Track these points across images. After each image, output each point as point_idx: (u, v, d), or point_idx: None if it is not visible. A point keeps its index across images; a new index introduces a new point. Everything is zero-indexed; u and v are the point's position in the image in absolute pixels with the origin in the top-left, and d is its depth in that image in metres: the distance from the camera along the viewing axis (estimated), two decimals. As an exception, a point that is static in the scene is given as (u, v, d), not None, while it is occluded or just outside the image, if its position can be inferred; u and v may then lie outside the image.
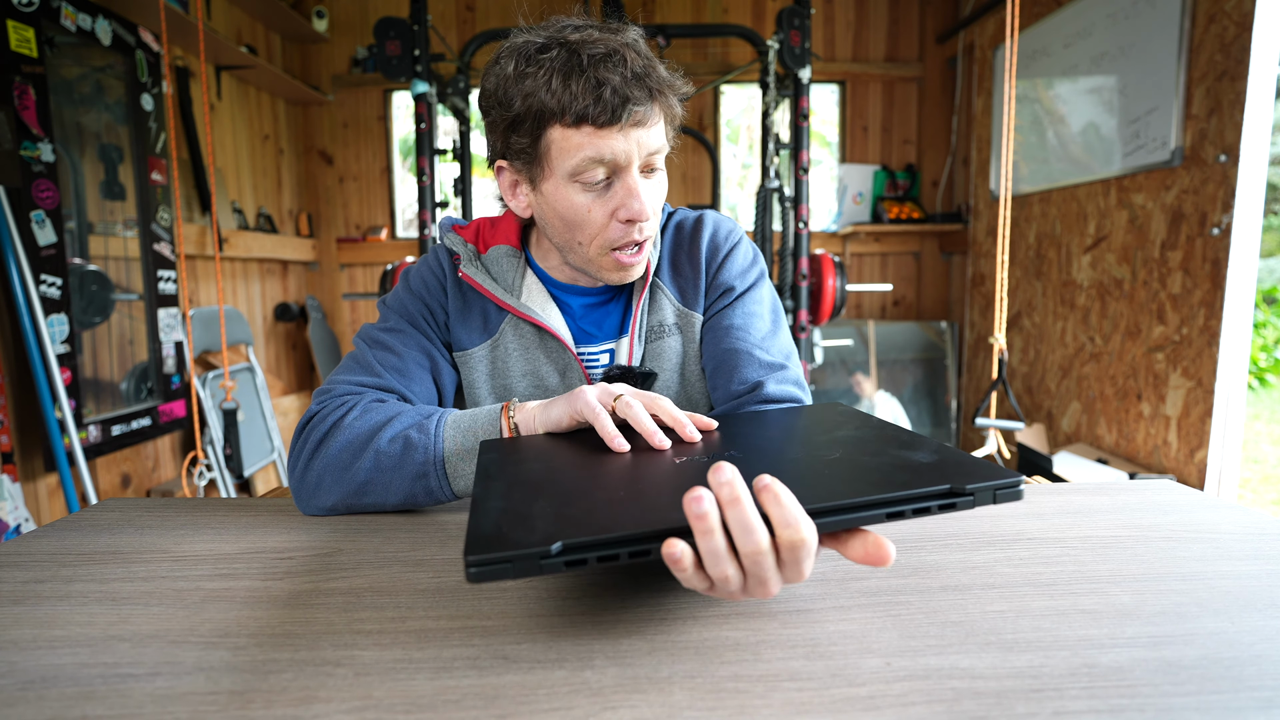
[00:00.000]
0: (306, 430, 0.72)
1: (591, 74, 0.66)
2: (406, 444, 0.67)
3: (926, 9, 3.53)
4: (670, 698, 0.38)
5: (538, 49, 0.68)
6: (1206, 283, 2.03)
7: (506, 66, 0.69)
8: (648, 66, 0.68)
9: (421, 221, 2.39)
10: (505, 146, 0.73)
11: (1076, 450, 2.54)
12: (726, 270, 0.85)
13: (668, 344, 0.85)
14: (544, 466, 0.56)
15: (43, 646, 0.44)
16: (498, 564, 0.38)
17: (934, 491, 0.43)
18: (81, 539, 0.63)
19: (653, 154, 0.71)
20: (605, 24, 0.71)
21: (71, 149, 2.09)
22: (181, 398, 2.48)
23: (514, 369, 0.84)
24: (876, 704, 0.37)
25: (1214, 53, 1.98)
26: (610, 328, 0.86)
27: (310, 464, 0.69)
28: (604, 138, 0.67)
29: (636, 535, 0.40)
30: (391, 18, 2.25)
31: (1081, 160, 2.57)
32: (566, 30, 0.69)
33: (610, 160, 0.69)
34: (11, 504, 1.81)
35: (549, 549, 0.38)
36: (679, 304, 0.86)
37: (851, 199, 3.58)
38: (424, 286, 0.84)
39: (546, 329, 0.81)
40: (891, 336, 3.55)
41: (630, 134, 0.68)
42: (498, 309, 0.83)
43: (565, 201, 0.72)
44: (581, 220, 0.72)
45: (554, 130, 0.68)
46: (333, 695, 0.39)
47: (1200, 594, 0.50)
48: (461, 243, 0.85)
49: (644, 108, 0.68)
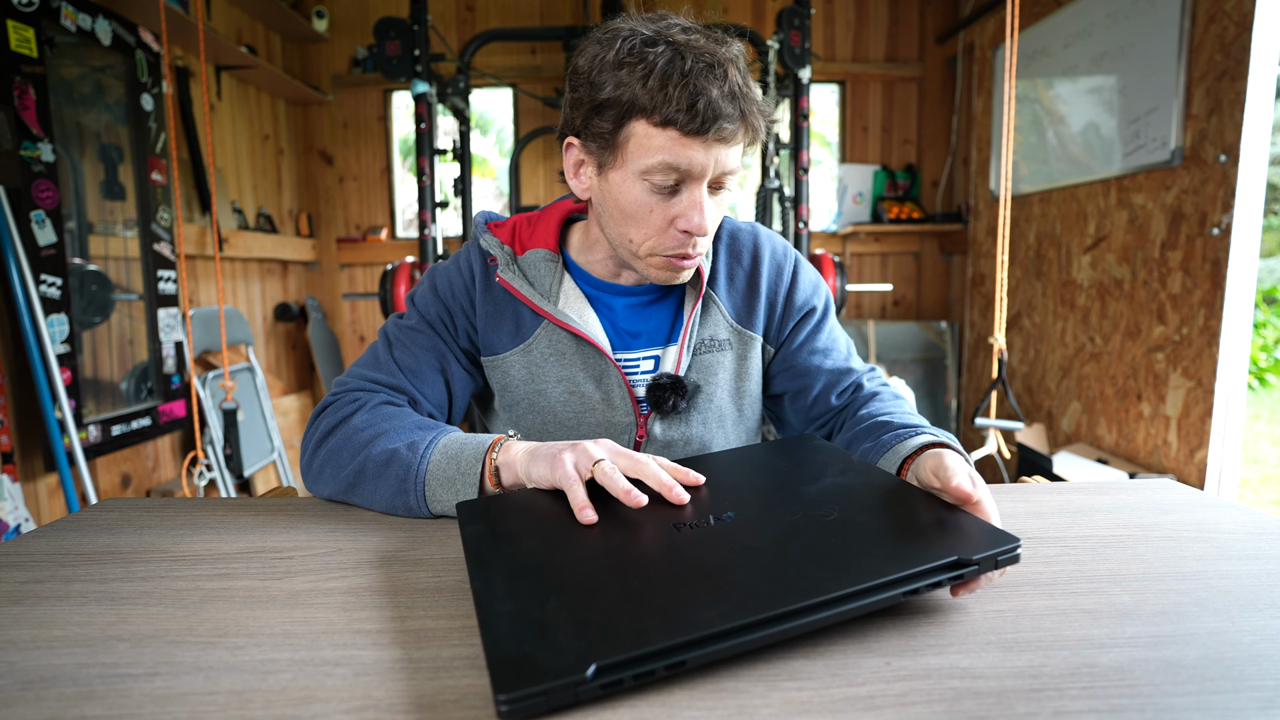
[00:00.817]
0: (319, 419, 0.76)
1: (692, 81, 0.65)
2: (394, 459, 0.69)
3: (926, 9, 3.53)
4: (671, 697, 0.38)
5: (644, 41, 0.67)
6: (1206, 283, 2.03)
7: (607, 51, 0.68)
8: (745, 87, 0.68)
9: (421, 221, 2.39)
10: (583, 125, 0.71)
11: (1076, 450, 2.54)
12: (799, 291, 0.86)
13: (718, 359, 0.84)
14: (539, 542, 0.53)
15: (42, 646, 0.44)
16: (533, 699, 0.36)
17: (943, 565, 0.45)
18: (81, 539, 0.63)
19: (726, 173, 0.71)
20: (711, 31, 0.70)
21: (71, 149, 2.09)
22: (181, 398, 2.48)
23: (549, 375, 0.83)
24: (876, 704, 0.37)
25: (1214, 53, 1.97)
26: (654, 332, 0.85)
27: (316, 452, 0.74)
28: (686, 146, 0.67)
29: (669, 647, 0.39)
30: (391, 18, 2.25)
31: (1081, 160, 2.57)
32: (674, 29, 0.68)
33: (685, 169, 0.68)
34: (11, 504, 1.81)
35: (584, 675, 0.37)
36: (733, 320, 0.85)
37: (851, 199, 3.58)
38: (450, 290, 0.84)
39: (584, 336, 0.80)
40: (891, 336, 3.55)
41: (712, 149, 0.68)
42: (532, 314, 0.82)
43: (629, 195, 0.71)
44: (641, 218, 0.72)
45: (638, 124, 0.68)
46: (332, 695, 0.39)
47: (1200, 594, 0.50)
48: (498, 244, 0.84)
49: (733, 126, 0.67)
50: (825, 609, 0.42)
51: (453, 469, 0.67)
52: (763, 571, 0.46)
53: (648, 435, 0.84)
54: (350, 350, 3.67)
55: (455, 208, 2.59)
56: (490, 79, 3.31)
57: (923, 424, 0.73)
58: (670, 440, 0.84)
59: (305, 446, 0.76)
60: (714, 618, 0.40)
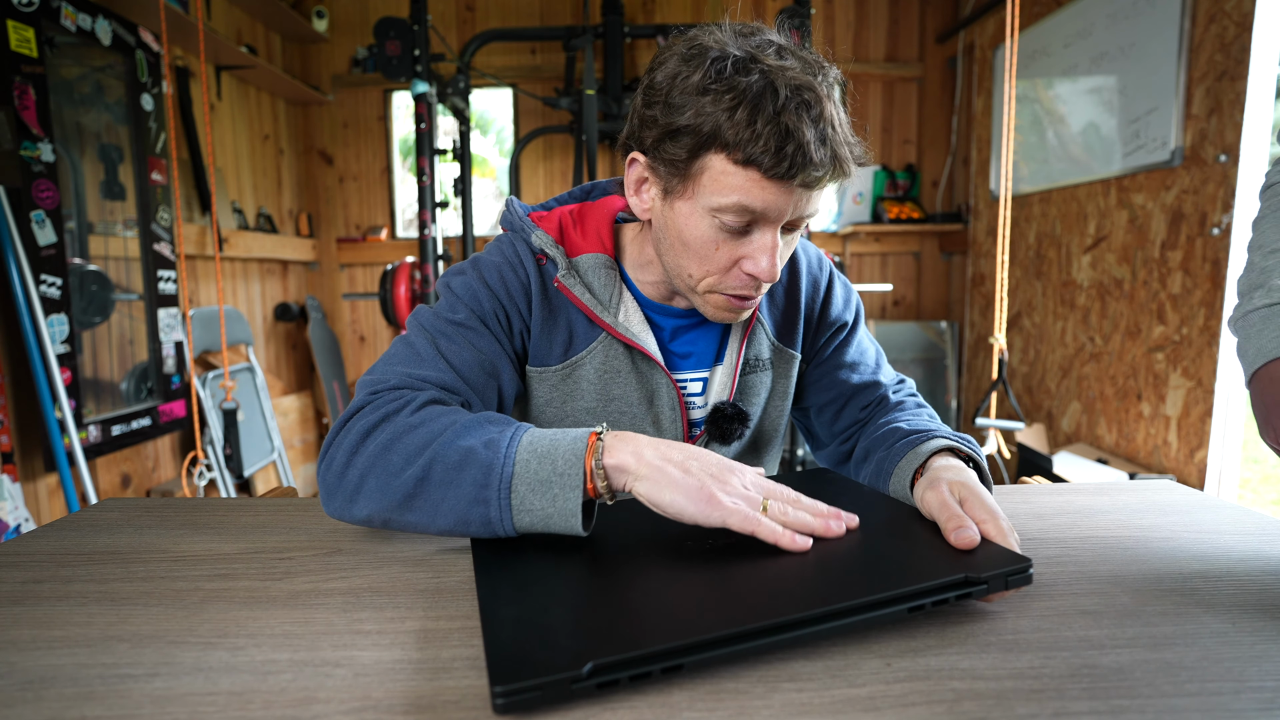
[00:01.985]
0: (350, 422, 0.61)
1: (784, 120, 0.58)
2: (469, 458, 0.56)
3: (926, 9, 3.53)
4: (670, 698, 0.38)
5: (734, 65, 0.60)
6: (1206, 283, 2.03)
7: (692, 72, 0.61)
8: (840, 127, 0.61)
9: (421, 221, 2.39)
10: (654, 146, 0.65)
11: (1076, 450, 2.54)
12: (833, 305, 0.83)
13: (760, 379, 0.82)
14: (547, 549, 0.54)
15: (41, 647, 0.44)
16: (527, 692, 0.36)
17: (950, 582, 0.45)
18: (81, 539, 0.63)
19: (805, 218, 0.65)
20: (808, 57, 0.63)
21: (71, 149, 2.09)
22: (181, 398, 2.48)
23: (598, 392, 0.76)
24: (876, 704, 0.37)
25: (1214, 53, 1.97)
26: (701, 354, 0.80)
27: (352, 461, 0.59)
28: (766, 189, 0.60)
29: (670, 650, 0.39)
30: (391, 18, 2.26)
31: (1081, 160, 2.57)
32: (768, 52, 0.61)
33: (761, 212, 0.62)
34: (11, 504, 1.81)
35: (580, 672, 0.37)
36: (775, 339, 0.82)
37: (851, 199, 3.58)
38: (504, 287, 0.73)
39: (645, 352, 0.74)
40: (892, 336, 3.55)
41: (794, 193, 0.61)
42: (589, 324, 0.75)
43: (695, 229, 0.65)
44: (704, 254, 0.66)
45: (716, 158, 0.61)
46: (332, 696, 0.39)
47: (1200, 594, 0.50)
48: (552, 243, 0.75)
49: (822, 173, 0.61)
50: (826, 620, 0.42)
51: (547, 470, 0.54)
52: (767, 582, 0.47)
53: None
54: (350, 350, 3.67)
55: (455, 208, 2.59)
56: (490, 79, 3.31)
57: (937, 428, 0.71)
58: None
59: (331, 459, 0.60)
60: (714, 623, 0.41)
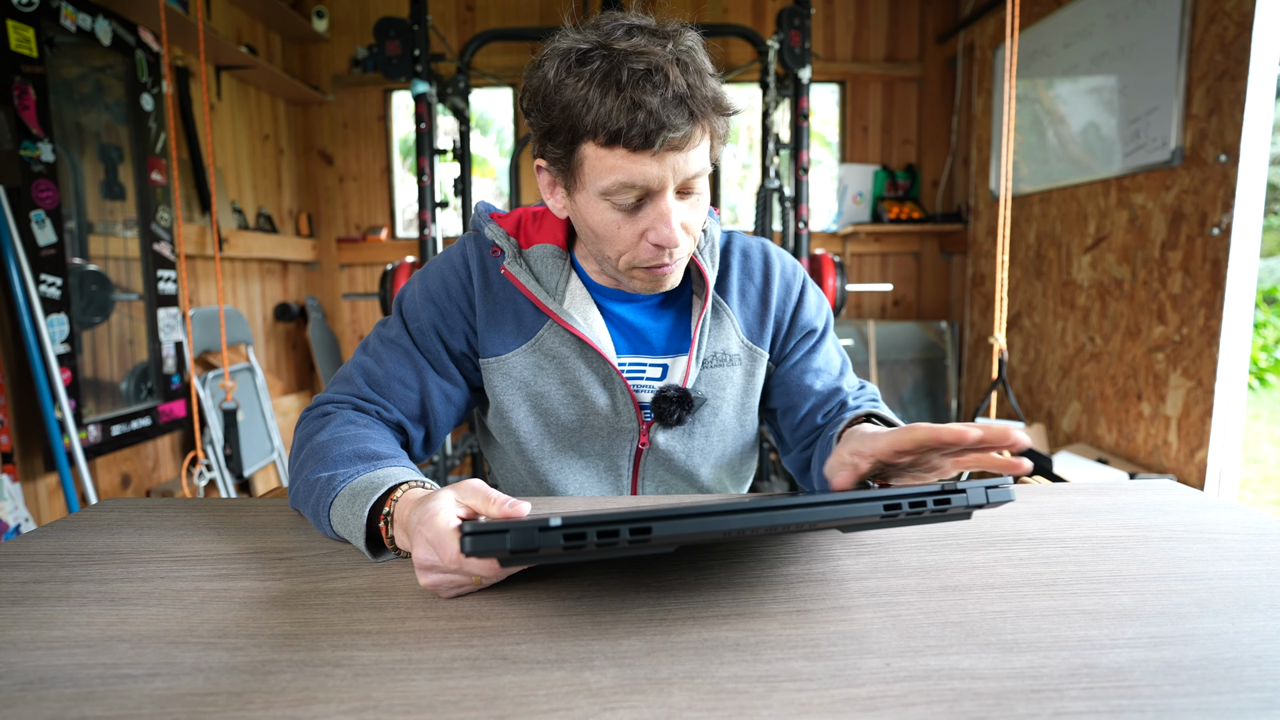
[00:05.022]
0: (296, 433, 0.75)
1: (629, 94, 0.61)
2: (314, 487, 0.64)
3: (926, 9, 3.52)
4: (670, 698, 0.38)
5: (579, 57, 0.63)
6: (1206, 283, 2.03)
7: (548, 71, 0.65)
8: (693, 85, 0.63)
9: (421, 221, 2.39)
10: (543, 151, 0.70)
11: (1076, 450, 2.54)
12: (804, 311, 0.86)
13: (729, 374, 0.83)
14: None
15: (41, 647, 0.44)
16: (494, 533, 0.38)
17: (928, 491, 0.45)
18: (81, 539, 0.63)
19: (691, 178, 0.67)
20: (660, 29, 0.65)
21: (71, 149, 2.09)
22: (181, 398, 2.48)
23: (553, 376, 0.80)
24: (876, 704, 0.37)
25: (1214, 53, 1.97)
26: (662, 341, 0.82)
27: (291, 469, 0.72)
28: (637, 163, 0.63)
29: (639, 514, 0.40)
30: (391, 18, 2.25)
31: (1081, 160, 2.57)
32: (616, 35, 0.63)
33: (642, 185, 0.65)
34: (11, 504, 1.81)
35: (548, 521, 0.39)
36: (745, 336, 0.84)
37: (851, 199, 3.58)
38: (444, 290, 0.79)
39: (586, 340, 0.77)
40: (891, 336, 3.55)
41: (665, 159, 0.64)
42: (535, 311, 0.79)
43: (596, 216, 0.69)
44: (611, 236, 0.69)
45: (587, 147, 0.65)
46: (331, 696, 0.39)
47: (1200, 594, 0.50)
48: (504, 235, 0.80)
49: (682, 132, 0.63)
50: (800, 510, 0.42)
51: (347, 509, 0.59)
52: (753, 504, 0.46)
53: (650, 443, 0.82)
54: (350, 350, 3.67)
55: (455, 208, 2.59)
56: (490, 79, 3.31)
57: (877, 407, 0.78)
58: (671, 450, 0.83)
59: None
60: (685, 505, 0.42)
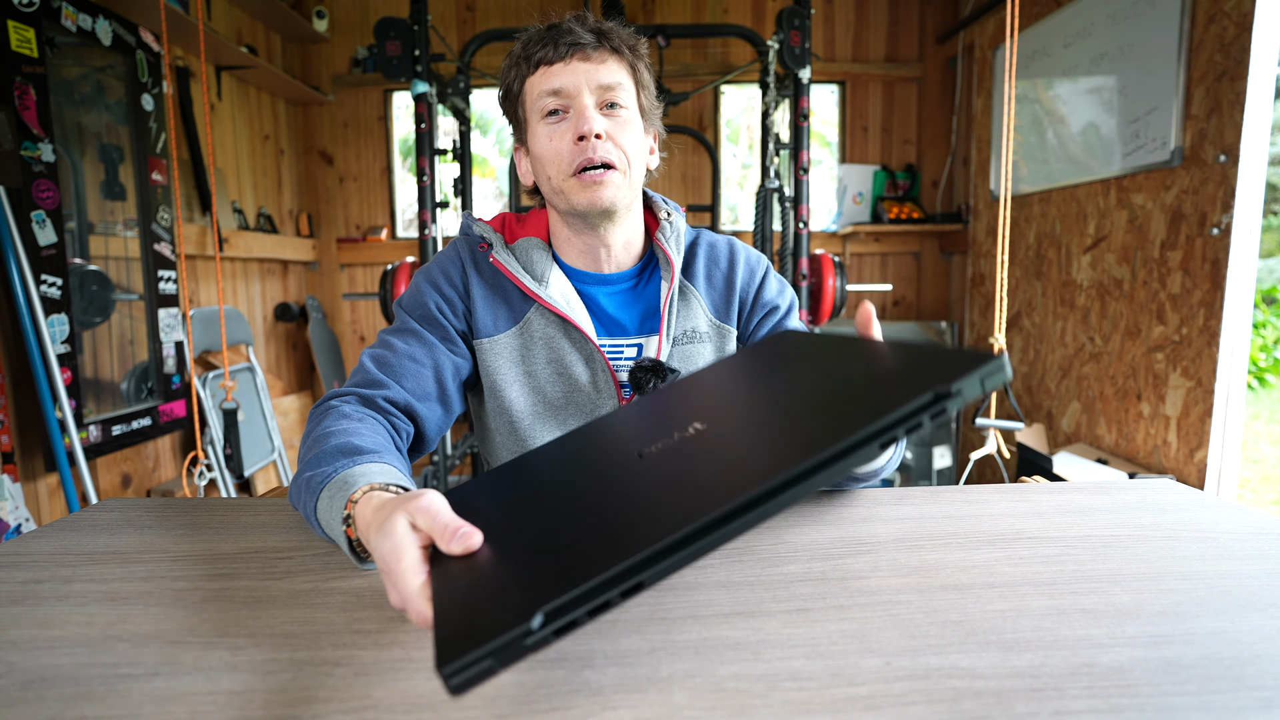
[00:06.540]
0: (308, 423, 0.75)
1: (552, 33, 0.78)
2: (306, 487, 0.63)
3: (926, 9, 3.52)
4: (670, 698, 0.38)
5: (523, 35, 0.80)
6: (1206, 283, 2.03)
7: (506, 61, 0.83)
8: (607, 26, 0.79)
9: (421, 221, 2.39)
10: (513, 127, 0.85)
11: (1076, 450, 2.54)
12: (767, 291, 0.94)
13: (699, 350, 0.90)
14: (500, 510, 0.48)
15: (42, 646, 0.44)
16: (480, 662, 0.31)
17: (921, 405, 0.39)
18: (81, 539, 0.63)
19: (606, 89, 0.79)
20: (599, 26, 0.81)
21: (72, 149, 2.09)
22: (182, 398, 2.48)
23: (539, 357, 0.87)
24: (876, 704, 0.37)
25: (1214, 53, 1.97)
26: (635, 323, 0.90)
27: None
28: (555, 74, 0.78)
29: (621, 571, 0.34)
30: (391, 18, 2.25)
31: (1081, 160, 2.57)
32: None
33: (560, 89, 0.78)
34: (11, 504, 1.81)
35: (530, 626, 0.32)
36: (712, 315, 0.92)
37: (851, 199, 3.58)
38: (444, 276, 0.87)
39: (570, 321, 0.84)
40: (891, 336, 3.54)
41: (577, 67, 0.78)
42: (523, 297, 0.86)
43: (539, 143, 0.81)
44: (550, 153, 0.80)
45: (526, 84, 0.81)
46: (332, 695, 0.39)
47: (1200, 594, 0.50)
48: (491, 230, 0.89)
49: (588, 40, 0.77)
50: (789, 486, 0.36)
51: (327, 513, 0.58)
52: (727, 462, 0.41)
53: None
54: (350, 350, 3.67)
55: (455, 208, 2.59)
56: (490, 79, 3.31)
57: None
58: None
59: None
60: (674, 523, 0.35)
